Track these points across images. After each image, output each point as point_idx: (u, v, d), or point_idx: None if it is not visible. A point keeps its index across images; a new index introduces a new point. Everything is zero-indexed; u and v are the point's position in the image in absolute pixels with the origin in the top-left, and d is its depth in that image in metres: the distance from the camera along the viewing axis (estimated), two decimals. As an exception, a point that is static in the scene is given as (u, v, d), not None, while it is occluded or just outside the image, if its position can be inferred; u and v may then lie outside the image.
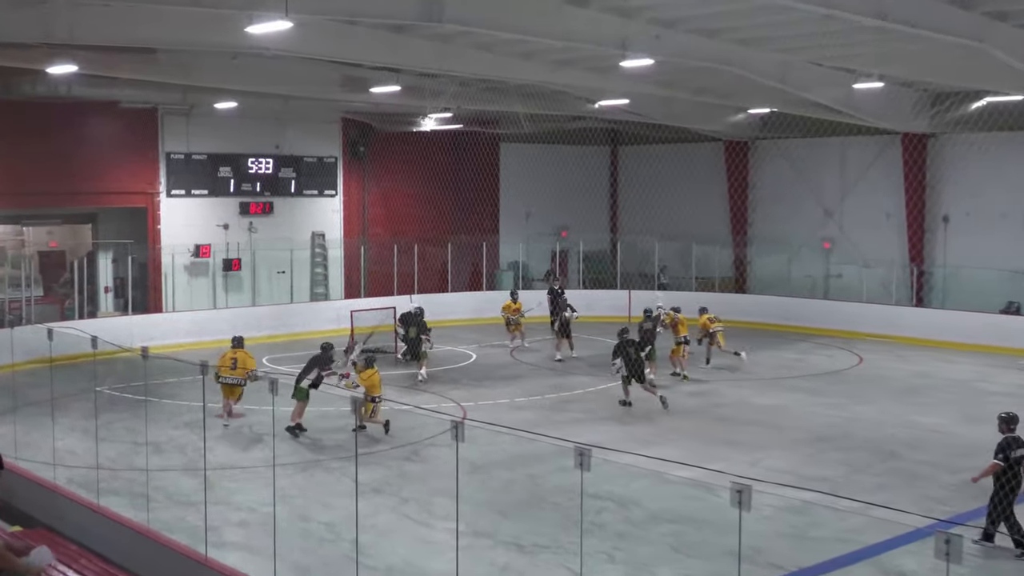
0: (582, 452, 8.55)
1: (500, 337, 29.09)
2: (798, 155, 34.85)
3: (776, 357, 27.02)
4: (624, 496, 14.45)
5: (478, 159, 35.34)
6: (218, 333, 28.47)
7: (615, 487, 14.59)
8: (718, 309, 31.67)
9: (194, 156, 31.07)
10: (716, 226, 36.34)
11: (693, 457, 16.25)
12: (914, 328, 29.28)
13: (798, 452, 17.28)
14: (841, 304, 31.60)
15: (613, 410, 20.43)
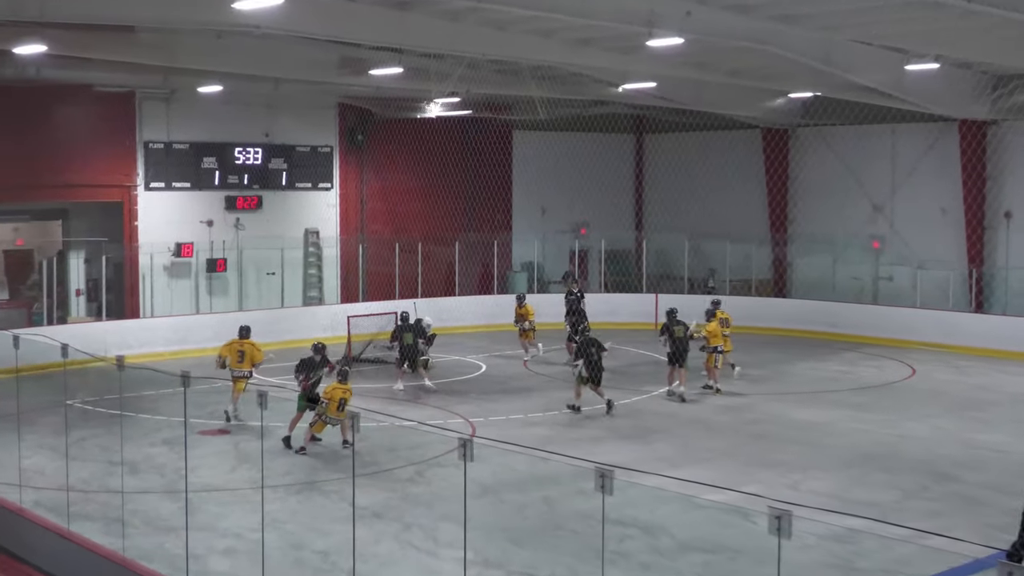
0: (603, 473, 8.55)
1: (512, 346, 29.13)
2: (844, 144, 34.78)
3: (819, 368, 26.96)
4: (650, 522, 14.44)
5: (489, 149, 35.37)
6: (201, 340, 28.53)
7: (640, 512, 14.58)
8: (755, 314, 31.83)
9: (175, 145, 31.17)
10: (753, 223, 36.29)
11: (726, 479, 16.24)
12: (973, 336, 29.19)
13: (843, 474, 17.23)
14: (891, 310, 31.52)
15: (638, 427, 20.42)
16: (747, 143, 36.73)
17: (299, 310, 31.87)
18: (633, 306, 33.83)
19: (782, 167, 36.35)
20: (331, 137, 34.22)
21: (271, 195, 33.03)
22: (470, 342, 30.36)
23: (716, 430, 20.27)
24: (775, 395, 23.51)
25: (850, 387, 24.63)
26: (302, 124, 33.50)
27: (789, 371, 26.56)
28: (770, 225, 36.52)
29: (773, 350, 28.87)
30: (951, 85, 28.20)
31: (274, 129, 33.01)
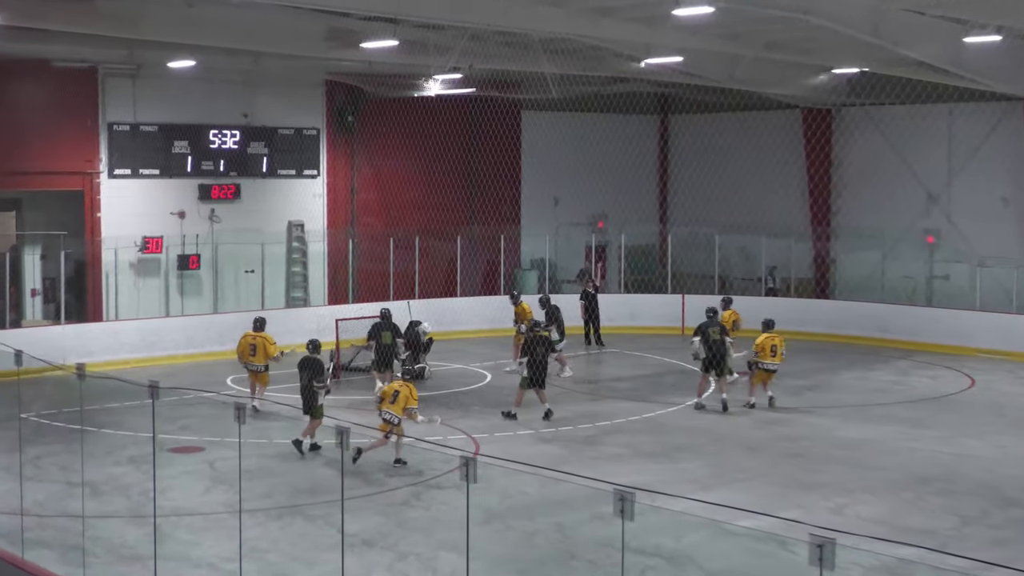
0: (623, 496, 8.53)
1: (522, 353, 29.12)
2: (894, 126, 34.73)
3: (866, 379, 26.93)
4: (676, 552, 14.42)
5: (495, 131, 35.36)
6: (171, 347, 28.62)
7: (664, 540, 14.56)
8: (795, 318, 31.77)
9: (142, 127, 31.21)
10: (791, 214, 36.26)
11: (762, 503, 16.22)
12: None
13: (893, 497, 17.20)
14: (948, 312, 31.48)
15: (663, 444, 20.41)
16: (785, 125, 36.68)
17: (282, 313, 31.84)
18: (657, 308, 33.81)
19: (825, 152, 36.30)
20: (318, 119, 34.24)
21: (250, 183, 33.05)
22: (473, 349, 30.35)
23: (751, 448, 20.23)
24: (817, 409, 23.47)
25: (901, 400, 24.58)
26: (285, 104, 33.51)
27: (833, 382, 26.52)
28: (811, 217, 36.48)
29: (815, 358, 28.84)
30: (1015, 59, 28.12)
31: (254, 109, 33.04)
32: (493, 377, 26.87)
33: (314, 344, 20.63)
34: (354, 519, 15.08)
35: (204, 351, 29.04)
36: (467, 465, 9.27)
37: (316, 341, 20.88)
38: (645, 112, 38.87)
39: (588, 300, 30.86)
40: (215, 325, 29.90)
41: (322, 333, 29.39)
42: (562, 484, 16.23)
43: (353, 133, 34.89)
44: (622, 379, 27.02)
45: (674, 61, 29.29)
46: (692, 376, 26.83)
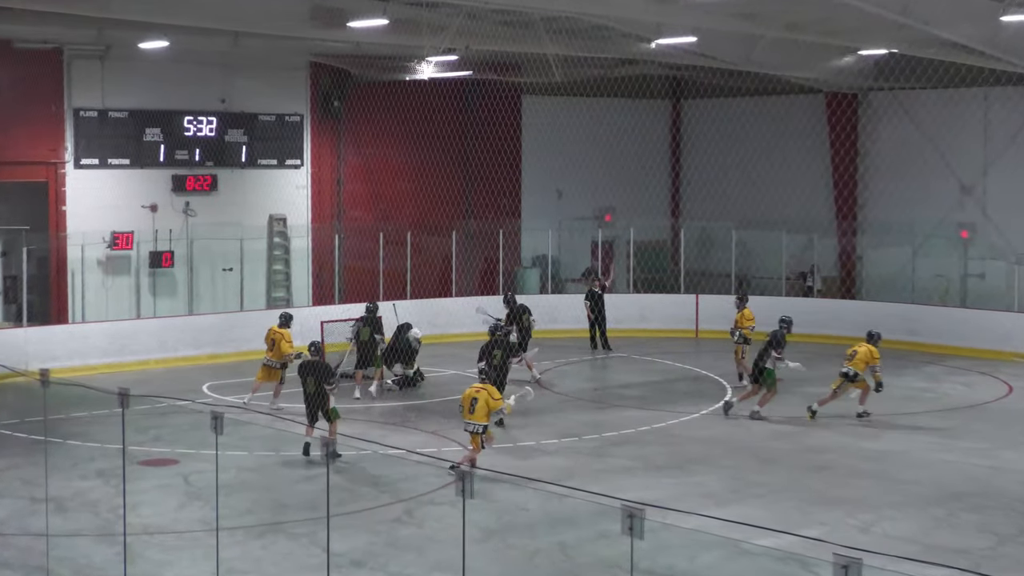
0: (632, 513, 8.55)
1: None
2: (925, 112, 34.73)
3: (895, 386, 26.88)
4: (689, 572, 14.42)
5: (493, 118, 35.33)
6: (143, 351, 28.61)
7: (677, 560, 14.58)
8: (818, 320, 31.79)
9: (111, 113, 31.19)
10: (814, 208, 36.26)
11: (782, 520, 16.24)
12: (1083, 346, 29.25)
13: (924, 514, 17.21)
14: (984, 314, 31.48)
15: (675, 456, 20.42)
16: (808, 111, 36.69)
17: (262, 314, 31.78)
18: (668, 309, 33.83)
19: (850, 140, 36.31)
20: (301, 104, 34.23)
21: (228, 174, 33.04)
22: (470, 353, 30.25)
23: (770, 460, 20.24)
24: (841, 418, 23.46)
25: (933, 408, 24.59)
26: (266, 88, 33.50)
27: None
28: (836, 211, 36.49)
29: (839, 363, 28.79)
30: (1057, 40, 28.15)
31: (232, 94, 33.02)
32: (491, 384, 26.84)
33: (316, 346, 20.71)
34: (341, 537, 15.08)
35: (178, 356, 29.04)
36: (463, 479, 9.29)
37: (317, 343, 21.05)
38: (656, 97, 38.85)
39: (594, 301, 30.87)
40: (190, 328, 29.90)
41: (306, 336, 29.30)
42: (566, 500, 16.23)
43: (339, 120, 34.88)
44: (631, 386, 27.01)
45: (687, 42, 29.26)
46: (706, 383, 26.92)
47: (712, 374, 27.83)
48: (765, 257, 36.05)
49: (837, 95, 35.98)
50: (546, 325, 33.22)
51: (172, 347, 29.23)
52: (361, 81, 34.02)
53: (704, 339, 33.10)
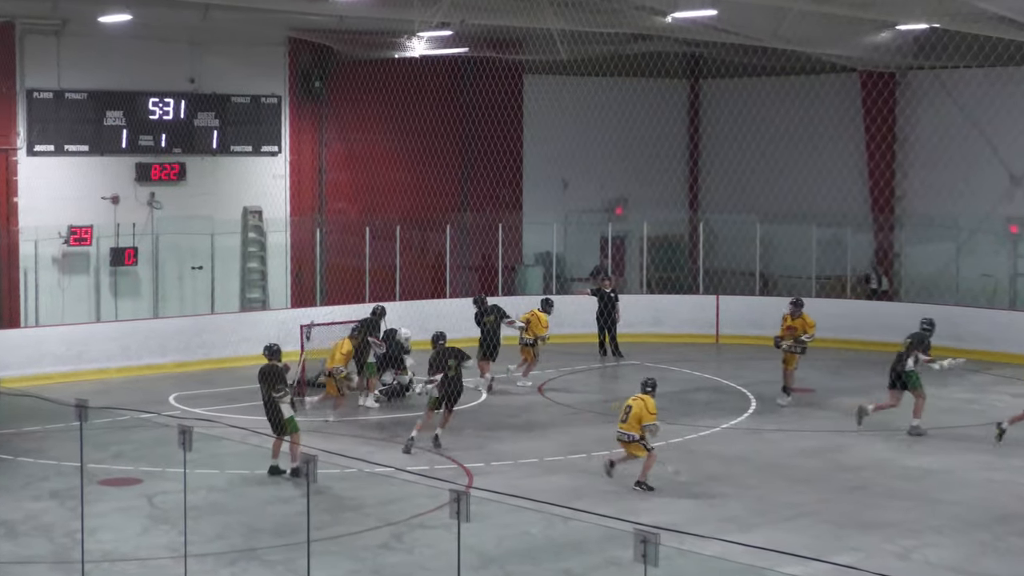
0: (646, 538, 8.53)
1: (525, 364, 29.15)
2: (970, 94, 34.71)
3: (937, 396, 26.87)
4: (709, 604, 14.42)
5: (491, 100, 35.29)
6: (103, 359, 28.58)
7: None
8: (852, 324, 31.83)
9: (68, 95, 31.16)
10: (847, 200, 36.22)
11: (813, 545, 16.21)
12: None
13: (969, 538, 17.20)
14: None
15: (694, 475, 20.37)
16: (840, 92, 36.66)
17: (235, 317, 31.86)
18: (686, 312, 33.81)
19: (887, 124, 36.29)
20: (279, 84, 34.20)
21: (197, 162, 33.02)
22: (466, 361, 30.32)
23: (800, 480, 20.23)
24: (878, 433, 23.46)
25: (979, 422, 24.55)
26: (239, 67, 33.47)
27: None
28: (871, 203, 36.48)
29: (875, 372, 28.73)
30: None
31: (202, 73, 32.99)
32: (489, 395, 26.86)
33: (271, 350, 20.68)
34: (322, 565, 15.07)
35: (142, 363, 29.03)
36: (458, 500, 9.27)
37: (274, 346, 20.92)
38: (672, 76, 38.81)
39: (604, 302, 30.84)
40: (155, 332, 29.87)
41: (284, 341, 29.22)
42: (572, 523, 16.22)
43: (322, 102, 34.85)
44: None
45: (707, 15, 29.21)
46: (728, 394, 26.93)
47: (735, 384, 27.81)
48: (793, 254, 36.03)
49: (873, 75, 35.96)
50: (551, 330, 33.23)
51: (135, 354, 29.19)
52: (345, 59, 34.00)
53: (725, 345, 33.09)
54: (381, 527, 17.43)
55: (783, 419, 24.29)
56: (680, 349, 31.89)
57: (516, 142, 37.30)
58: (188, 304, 32.63)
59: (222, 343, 30.37)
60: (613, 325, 30.90)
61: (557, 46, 30.11)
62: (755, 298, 34.62)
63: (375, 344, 25.35)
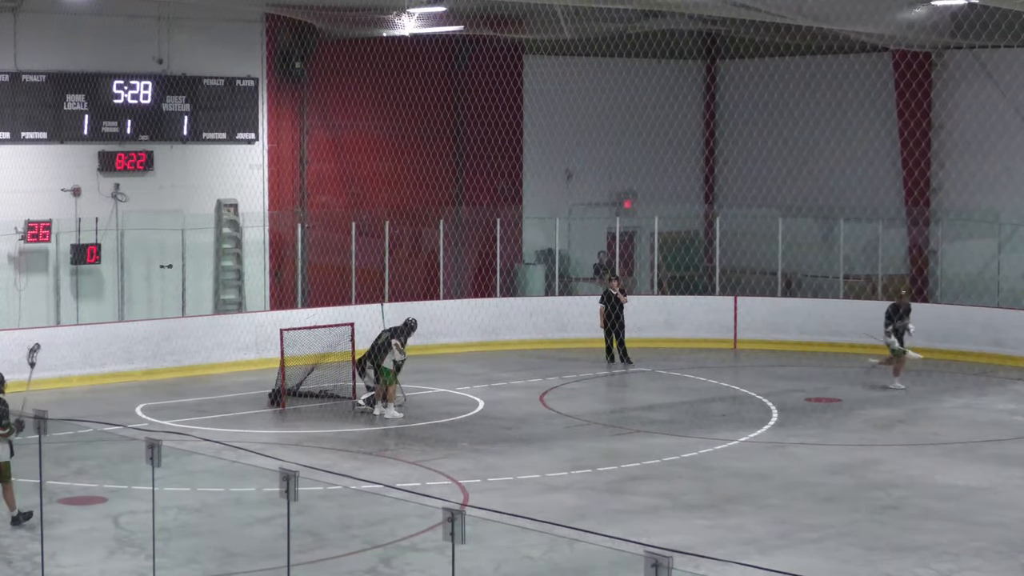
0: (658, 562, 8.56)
1: (524, 372, 29.14)
2: (1012, 76, 34.77)
3: (976, 407, 26.97)
4: (727, 634, 14.45)
5: (489, 83, 35.38)
6: (63, 365, 28.57)
7: (712, 619, 14.57)
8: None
9: (26, 77, 31.20)
10: (879, 192, 36.31)
11: (840, 570, 16.25)
12: None
13: (1012, 562, 17.22)
14: (1084, 320, 31.58)
15: (710, 493, 20.43)
16: (871, 74, 36.72)
17: (208, 320, 31.89)
18: (701, 314, 33.85)
19: (922, 110, 36.34)
20: (255, 66, 34.23)
21: (167, 150, 33.05)
22: (461, 367, 30.39)
23: (826, 498, 20.25)
24: (912, 447, 23.50)
25: (1022, 435, 24.60)
26: (213, 46, 33.50)
27: (933, 411, 26.55)
28: (905, 195, 36.52)
29: (910, 380, 28.88)
30: None
31: (171, 53, 33.02)
32: (487, 405, 26.91)
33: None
34: (304, 591, 15.09)
35: (106, 371, 29.06)
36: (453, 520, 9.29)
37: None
38: (686, 57, 38.87)
39: (611, 304, 30.86)
40: (120, 338, 29.89)
41: (262, 347, 29.53)
42: (577, 545, 16.24)
43: (302, 84, 34.88)
44: (655, 407, 27.02)
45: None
46: (747, 404, 26.97)
47: (754, 393, 27.84)
48: (818, 252, 36.09)
49: (907, 55, 35.98)
50: (553, 334, 33.37)
51: (99, 361, 29.22)
52: (329, 38, 34.03)
53: (744, 350, 33.15)
54: (368, 550, 17.45)
55: (807, 432, 24.29)
56: (694, 355, 31.92)
57: (515, 129, 37.34)
58: (156, 306, 32.64)
59: (194, 349, 30.40)
60: (621, 329, 30.93)
61: (560, 23, 30.16)
62: (776, 299, 34.68)
63: (398, 348, 25.31)
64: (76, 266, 31.74)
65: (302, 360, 27.09)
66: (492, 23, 32.82)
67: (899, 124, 36.60)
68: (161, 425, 24.37)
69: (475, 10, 31.83)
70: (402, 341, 25.58)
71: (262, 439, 23.53)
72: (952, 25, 33.68)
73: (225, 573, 16.62)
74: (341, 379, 26.78)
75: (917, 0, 31.62)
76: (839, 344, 32.45)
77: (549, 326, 33.52)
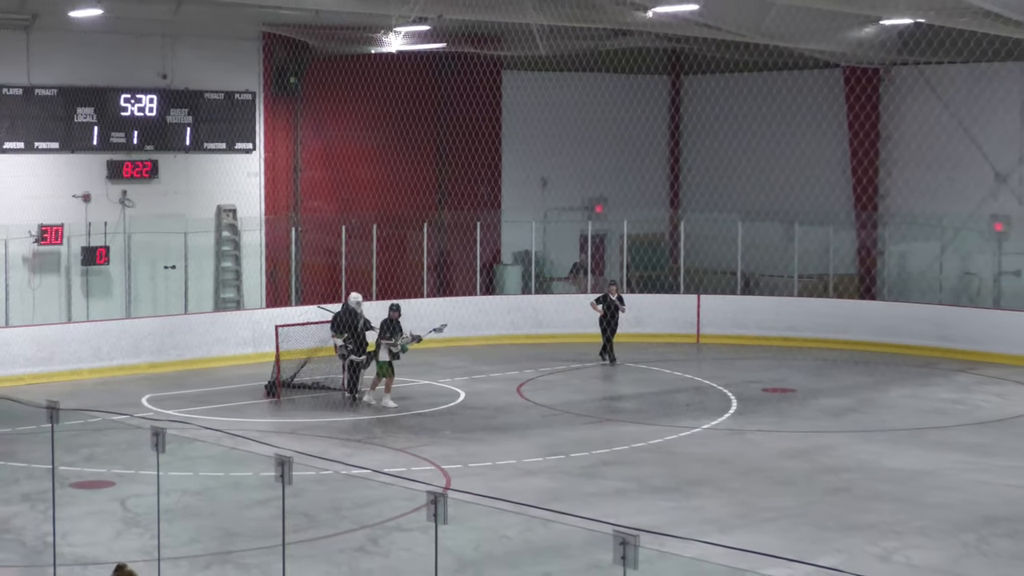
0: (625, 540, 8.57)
1: (502, 365, 29.10)
2: (955, 90, 34.79)
3: (921, 396, 27.01)
4: (690, 607, 14.47)
5: (470, 96, 35.34)
6: (74, 359, 28.52)
7: (676, 593, 14.60)
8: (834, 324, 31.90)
9: (38, 91, 31.10)
10: (830, 198, 36.30)
11: (794, 548, 16.26)
12: None
13: (954, 540, 17.27)
14: (1020, 316, 31.53)
15: (674, 477, 20.44)
16: (824, 88, 36.72)
17: (209, 317, 31.82)
18: (667, 312, 33.85)
19: (871, 121, 36.36)
20: (253, 80, 34.16)
21: (170, 160, 32.97)
22: (444, 361, 30.37)
23: (782, 481, 20.29)
24: (861, 434, 23.54)
25: (963, 422, 24.66)
26: (213, 62, 33.42)
27: (881, 400, 26.61)
28: (855, 200, 36.55)
29: (859, 372, 28.94)
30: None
31: (174, 69, 32.95)
32: (468, 396, 26.89)
33: None
34: (298, 569, 15.08)
35: (114, 364, 28.99)
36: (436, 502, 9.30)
37: None
38: (653, 72, 38.86)
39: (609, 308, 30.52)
40: (127, 333, 29.82)
41: (259, 342, 29.48)
42: (551, 526, 16.25)
43: (297, 98, 34.81)
44: (624, 398, 27.05)
45: (689, 9, 29.29)
46: (709, 394, 26.97)
47: (716, 384, 27.87)
48: (775, 253, 36.09)
49: (857, 70, 36.03)
50: (529, 330, 33.35)
51: (107, 355, 29.15)
52: (321, 54, 33.97)
53: (707, 345, 33.16)
54: (357, 530, 17.45)
55: (764, 420, 24.35)
56: (661, 349, 31.93)
57: (495, 139, 37.29)
58: (161, 304, 32.57)
59: (195, 344, 30.35)
60: (613, 332, 30.75)
61: (536, 41, 30.12)
62: (736, 297, 34.72)
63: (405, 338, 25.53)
64: (86, 267, 31.66)
65: (296, 354, 27.07)
66: (473, 41, 32.82)
67: (849, 135, 36.63)
68: (165, 414, 24.33)
69: (457, 29, 31.81)
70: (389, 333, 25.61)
71: (259, 427, 23.51)
72: (899, 43, 33.74)
73: (225, 551, 16.61)
74: (332, 372, 26.73)
75: (867, 19, 31.68)
76: (794, 338, 32.49)
77: (526, 322, 33.49)
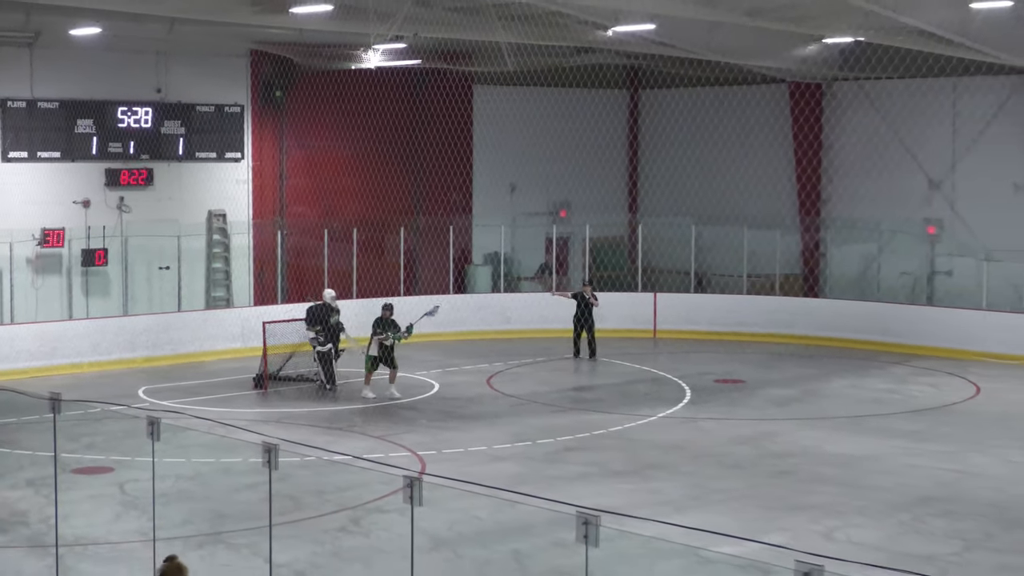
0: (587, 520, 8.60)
1: (474, 359, 29.10)
2: (892, 103, 34.92)
3: (860, 387, 27.12)
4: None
5: (443, 108, 35.32)
6: (75, 354, 28.44)
7: (634, 570, 14.63)
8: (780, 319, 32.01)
9: (41, 104, 30.99)
10: (776, 203, 36.41)
11: (743, 527, 16.33)
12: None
13: (890, 520, 17.37)
14: (952, 312, 31.72)
15: (633, 461, 20.50)
16: (770, 101, 36.82)
17: (200, 315, 31.76)
18: (625, 308, 33.88)
19: (814, 132, 36.47)
20: (241, 94, 34.09)
21: (164, 168, 32.88)
22: (419, 355, 30.35)
23: (732, 466, 20.36)
24: (805, 421, 23.63)
25: (899, 410, 24.77)
26: (204, 77, 33.35)
27: (823, 391, 26.72)
28: (799, 206, 36.65)
29: (802, 364, 29.04)
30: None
31: (168, 83, 32.86)
32: (441, 387, 26.91)
33: None
34: (284, 548, 15.09)
35: (112, 359, 28.90)
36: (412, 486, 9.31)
37: None
38: (613, 86, 38.91)
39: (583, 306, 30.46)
40: (124, 329, 29.75)
41: (247, 338, 29.43)
42: (519, 507, 16.28)
43: (282, 110, 34.75)
44: (587, 388, 27.10)
45: (645, 29, 29.34)
46: (665, 385, 27.04)
47: (671, 376, 27.93)
48: (726, 254, 36.18)
49: (801, 85, 36.14)
50: (498, 326, 33.40)
51: (106, 350, 29.07)
52: (305, 70, 33.91)
53: (662, 339, 33.24)
54: (339, 512, 17.46)
55: (716, 409, 24.44)
56: (620, 343, 31.97)
57: (466, 149, 37.32)
58: (156, 303, 32.50)
59: (188, 339, 30.29)
60: (591, 328, 30.67)
61: (505, 58, 30.13)
62: (690, 295, 34.82)
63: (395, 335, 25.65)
64: (86, 268, 31.56)
65: (282, 349, 27.06)
66: (446, 57, 32.83)
67: (794, 145, 36.74)
68: (160, 405, 24.27)
69: (431, 46, 31.80)
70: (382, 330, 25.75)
71: (247, 417, 23.47)
72: (840, 60, 33.84)
73: (216, 532, 16.61)
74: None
75: (810, 38, 31.76)
76: (744, 333, 32.58)
77: (495, 319, 33.52)
